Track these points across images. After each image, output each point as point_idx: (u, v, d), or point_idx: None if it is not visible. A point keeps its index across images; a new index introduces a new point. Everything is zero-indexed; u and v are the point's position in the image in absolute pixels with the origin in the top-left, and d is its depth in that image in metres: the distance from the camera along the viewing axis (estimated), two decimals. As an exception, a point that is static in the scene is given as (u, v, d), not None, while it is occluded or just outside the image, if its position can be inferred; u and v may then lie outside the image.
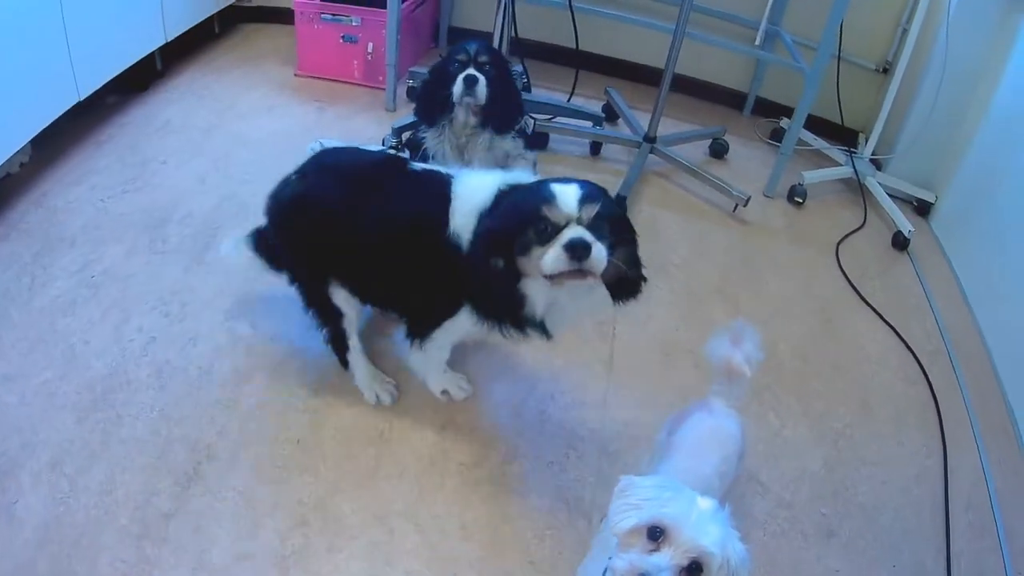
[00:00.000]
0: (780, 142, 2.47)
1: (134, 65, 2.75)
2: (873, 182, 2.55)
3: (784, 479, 1.66)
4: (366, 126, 2.79)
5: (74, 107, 2.38)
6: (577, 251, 1.20)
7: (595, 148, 2.70)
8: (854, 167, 2.51)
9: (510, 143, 2.02)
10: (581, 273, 1.23)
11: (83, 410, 1.65)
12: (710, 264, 2.27)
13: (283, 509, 1.50)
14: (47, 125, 2.27)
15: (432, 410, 1.72)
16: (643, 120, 2.57)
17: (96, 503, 1.47)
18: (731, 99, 3.02)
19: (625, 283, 1.36)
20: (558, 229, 1.24)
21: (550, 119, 2.65)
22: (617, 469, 1.49)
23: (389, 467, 1.59)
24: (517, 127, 2.02)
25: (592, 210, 1.24)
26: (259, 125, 2.76)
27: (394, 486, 1.55)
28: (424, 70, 2.65)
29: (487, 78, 1.85)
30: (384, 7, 2.74)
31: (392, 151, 2.47)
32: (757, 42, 2.66)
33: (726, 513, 0.91)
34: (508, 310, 1.38)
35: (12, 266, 2.01)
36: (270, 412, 1.69)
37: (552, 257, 1.22)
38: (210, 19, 3.36)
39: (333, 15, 2.95)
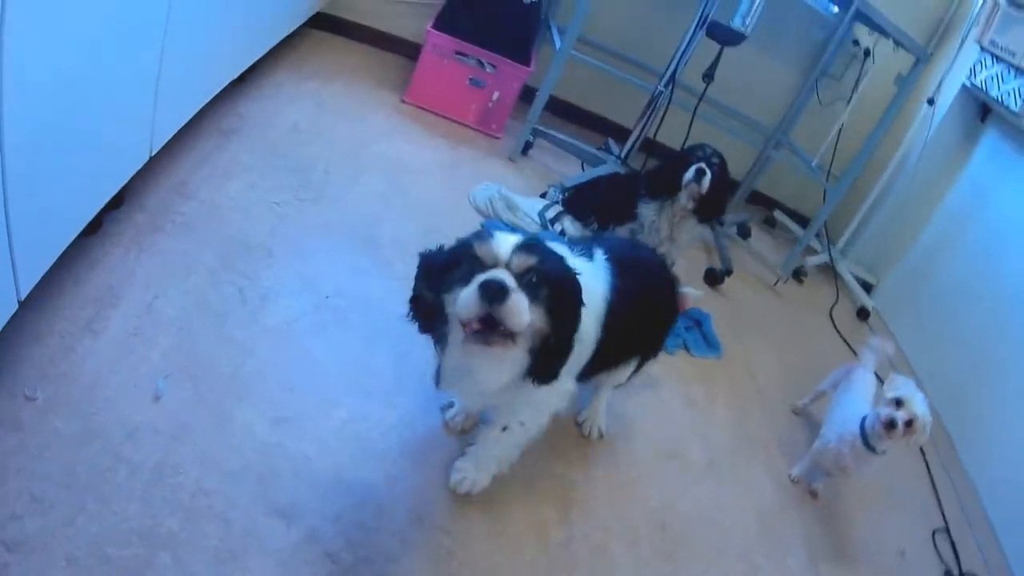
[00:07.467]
0: (772, 227, 3.66)
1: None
2: (843, 268, 3.35)
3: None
4: (503, 173, 2.75)
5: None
6: (490, 291, 1.05)
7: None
8: (830, 255, 3.29)
9: (703, 230, 2.42)
10: (494, 333, 1.09)
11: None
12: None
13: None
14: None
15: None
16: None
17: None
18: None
19: (546, 353, 1.17)
20: (483, 268, 1.11)
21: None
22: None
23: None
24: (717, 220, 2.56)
25: (526, 261, 1.11)
26: (408, 151, 2.61)
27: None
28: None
29: (712, 174, 2.19)
30: (522, 63, 2.85)
31: (553, 204, 2.59)
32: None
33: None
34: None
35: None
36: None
37: (465, 296, 1.08)
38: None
39: (470, 57, 2.78)
